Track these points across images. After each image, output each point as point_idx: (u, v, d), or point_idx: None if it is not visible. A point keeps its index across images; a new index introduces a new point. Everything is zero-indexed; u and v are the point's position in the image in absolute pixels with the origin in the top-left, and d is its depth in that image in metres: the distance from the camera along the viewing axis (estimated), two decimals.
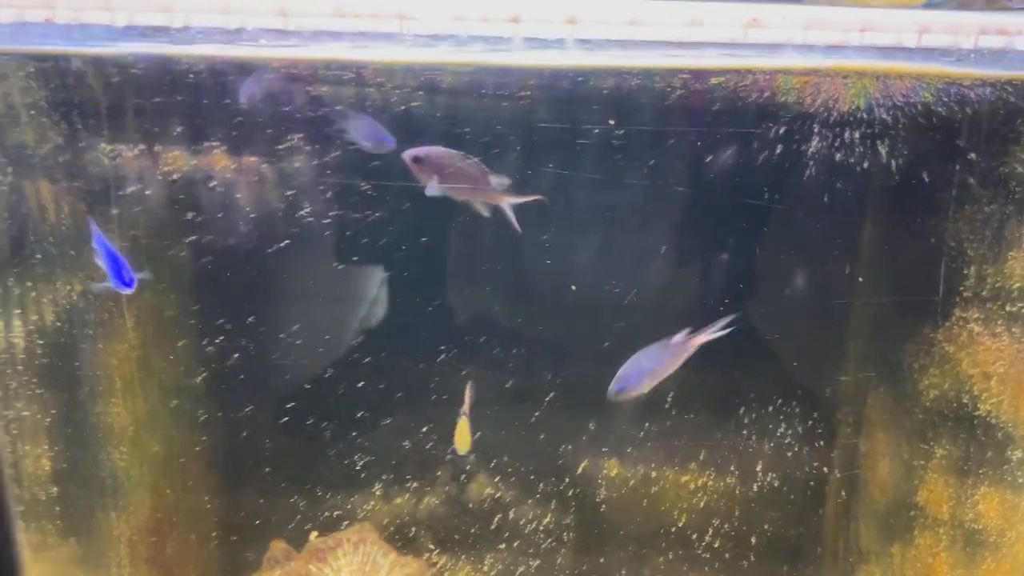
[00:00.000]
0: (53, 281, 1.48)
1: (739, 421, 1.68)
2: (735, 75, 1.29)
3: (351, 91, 1.33)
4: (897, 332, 1.62)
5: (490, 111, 1.36)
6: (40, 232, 1.44)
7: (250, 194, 1.43)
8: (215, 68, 1.30)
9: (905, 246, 1.57)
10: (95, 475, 1.60)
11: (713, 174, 1.47)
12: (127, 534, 1.66)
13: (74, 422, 1.56)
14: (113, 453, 1.62)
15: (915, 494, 1.65)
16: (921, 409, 1.61)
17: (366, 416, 1.70)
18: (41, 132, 1.39)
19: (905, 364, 1.62)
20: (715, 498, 1.70)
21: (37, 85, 1.35)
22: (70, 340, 1.52)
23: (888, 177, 1.41)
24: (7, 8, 1.18)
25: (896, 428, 1.67)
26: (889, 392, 1.67)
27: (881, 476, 1.72)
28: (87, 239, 1.38)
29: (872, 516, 1.75)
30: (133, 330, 1.59)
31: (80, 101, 1.36)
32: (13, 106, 1.35)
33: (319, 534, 1.79)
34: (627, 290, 1.56)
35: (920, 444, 1.61)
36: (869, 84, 1.29)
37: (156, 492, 1.70)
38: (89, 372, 1.56)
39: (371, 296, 1.68)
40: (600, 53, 1.21)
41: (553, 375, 1.63)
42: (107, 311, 1.55)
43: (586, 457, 1.68)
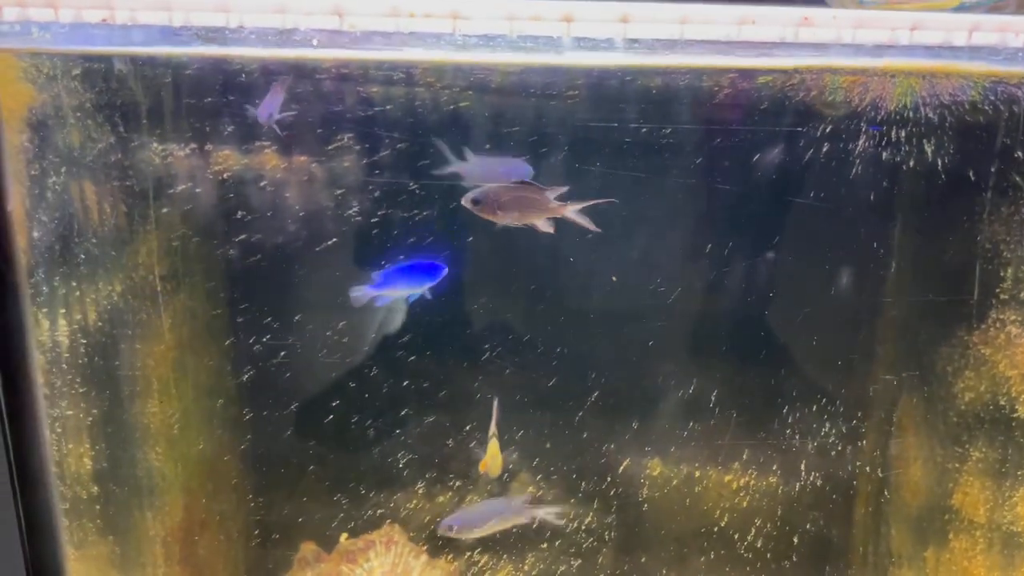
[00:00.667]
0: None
1: (781, 421, 1.68)
2: (782, 74, 1.30)
3: (400, 91, 1.34)
4: (937, 334, 1.61)
5: (538, 110, 1.37)
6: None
7: (300, 194, 1.44)
8: (268, 69, 1.31)
9: (946, 246, 1.57)
10: (132, 475, 1.61)
11: (760, 173, 1.47)
12: (162, 534, 1.67)
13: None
14: (149, 453, 1.63)
15: (950, 496, 1.64)
16: (956, 412, 1.61)
17: (403, 415, 1.71)
18: (110, 131, 1.40)
19: (941, 366, 1.62)
20: (756, 498, 1.70)
21: (89, 86, 1.36)
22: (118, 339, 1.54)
23: (935, 175, 1.41)
24: (67, 8, 1.20)
25: (931, 430, 1.67)
26: (925, 394, 1.67)
27: (916, 478, 1.72)
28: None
29: (906, 519, 1.74)
30: (169, 331, 1.61)
31: (132, 102, 1.38)
32: (71, 107, 1.37)
33: (349, 536, 1.80)
34: (670, 291, 1.57)
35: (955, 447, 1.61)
36: (916, 83, 1.30)
37: (190, 493, 1.71)
38: (128, 372, 1.57)
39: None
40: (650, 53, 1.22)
41: (597, 374, 1.63)
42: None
43: (628, 456, 1.69)
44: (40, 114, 1.35)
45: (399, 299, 1.58)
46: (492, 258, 1.63)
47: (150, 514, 1.65)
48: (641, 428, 1.69)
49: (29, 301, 1.42)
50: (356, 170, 1.44)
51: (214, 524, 1.76)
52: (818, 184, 1.51)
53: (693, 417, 1.67)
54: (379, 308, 1.61)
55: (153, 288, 1.54)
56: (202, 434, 1.70)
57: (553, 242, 1.53)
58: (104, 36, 1.29)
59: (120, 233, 1.47)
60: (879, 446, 1.73)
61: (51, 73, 1.34)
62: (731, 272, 1.60)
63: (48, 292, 1.44)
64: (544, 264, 1.62)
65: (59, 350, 1.48)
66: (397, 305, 1.65)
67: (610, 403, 1.64)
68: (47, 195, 1.39)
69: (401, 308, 1.65)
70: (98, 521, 1.58)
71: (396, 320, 1.67)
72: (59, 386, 1.49)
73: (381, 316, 1.66)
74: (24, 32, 1.26)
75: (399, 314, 1.66)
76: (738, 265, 1.59)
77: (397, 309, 1.66)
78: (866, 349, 1.72)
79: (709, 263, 1.58)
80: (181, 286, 1.59)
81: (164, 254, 1.54)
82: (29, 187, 1.37)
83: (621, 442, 1.68)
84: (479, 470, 1.64)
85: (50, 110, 1.36)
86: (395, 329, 1.66)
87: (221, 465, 1.76)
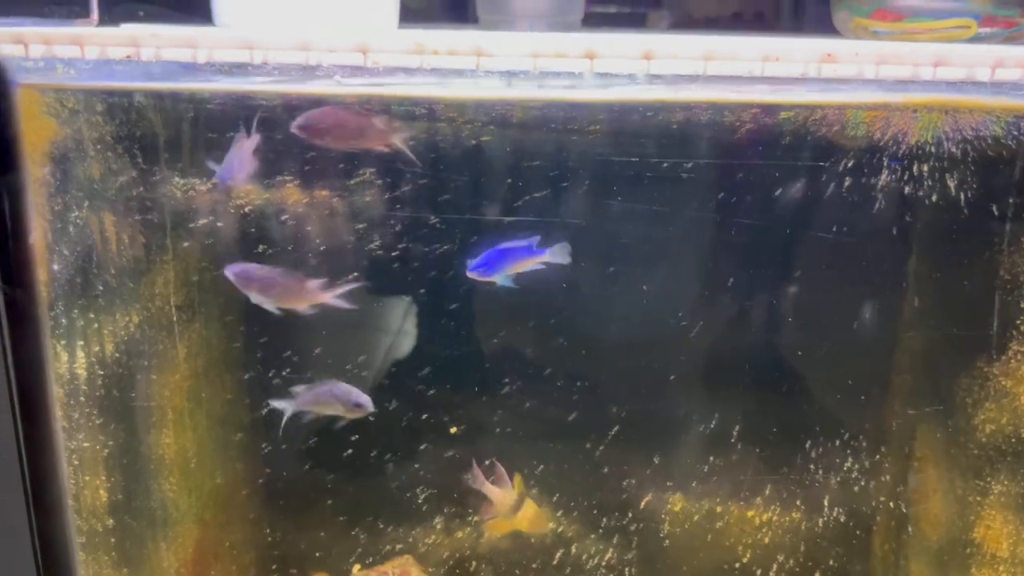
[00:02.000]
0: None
1: (798, 455, 1.67)
2: (804, 109, 1.30)
3: (423, 126, 1.34)
4: (957, 365, 1.60)
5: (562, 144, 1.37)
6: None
7: (320, 227, 1.44)
8: (291, 104, 1.32)
9: (968, 278, 1.57)
10: (146, 506, 1.61)
11: (779, 207, 1.47)
12: (175, 565, 1.66)
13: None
14: (163, 484, 1.63)
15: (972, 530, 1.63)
16: (977, 444, 1.59)
17: (420, 449, 1.70)
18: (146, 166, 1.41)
19: (961, 397, 1.61)
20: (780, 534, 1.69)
21: (110, 120, 1.37)
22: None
23: (957, 209, 1.41)
24: (92, 46, 1.20)
25: (951, 462, 1.66)
26: (945, 426, 1.66)
27: (936, 512, 1.70)
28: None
29: (926, 553, 1.73)
30: (185, 362, 1.61)
31: (152, 135, 1.39)
32: (92, 141, 1.38)
33: (361, 567, 1.79)
34: (692, 323, 1.56)
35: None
36: (938, 118, 1.30)
37: (204, 524, 1.70)
38: (143, 403, 1.57)
39: (396, 327, 1.69)
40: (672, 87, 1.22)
41: (617, 408, 1.62)
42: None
43: (649, 492, 1.67)
44: (62, 148, 1.36)
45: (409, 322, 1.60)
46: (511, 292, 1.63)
47: (163, 545, 1.64)
48: (661, 462, 1.68)
49: (49, 334, 1.42)
50: (378, 204, 1.44)
51: (226, 556, 1.75)
52: (838, 218, 1.50)
53: (713, 452, 1.65)
54: (388, 333, 1.63)
55: (170, 319, 1.55)
56: (217, 465, 1.70)
57: (577, 274, 1.54)
58: (126, 72, 1.30)
59: (138, 264, 1.47)
60: (898, 479, 1.72)
61: (74, 108, 1.35)
62: (752, 306, 1.60)
63: (67, 324, 1.44)
64: (562, 298, 1.61)
65: (77, 382, 1.48)
66: (407, 328, 1.65)
67: (629, 437, 1.64)
68: (68, 228, 1.40)
69: (411, 332, 1.66)
70: (113, 554, 1.57)
71: (405, 345, 1.67)
72: (76, 418, 1.49)
73: (389, 341, 1.66)
74: (49, 68, 1.27)
75: (408, 338, 1.66)
76: (758, 299, 1.59)
77: (407, 333, 1.66)
78: (885, 382, 1.71)
79: (730, 297, 1.58)
80: (197, 317, 1.60)
81: (181, 285, 1.54)
82: (51, 220, 1.37)
83: (641, 476, 1.67)
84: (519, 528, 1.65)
85: (71, 144, 1.37)
86: (403, 355, 1.67)
87: (235, 497, 1.75)
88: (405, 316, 1.69)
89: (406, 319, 1.69)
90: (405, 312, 1.69)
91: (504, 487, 1.61)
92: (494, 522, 1.67)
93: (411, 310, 1.69)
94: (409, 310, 1.69)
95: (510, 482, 1.62)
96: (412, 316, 1.69)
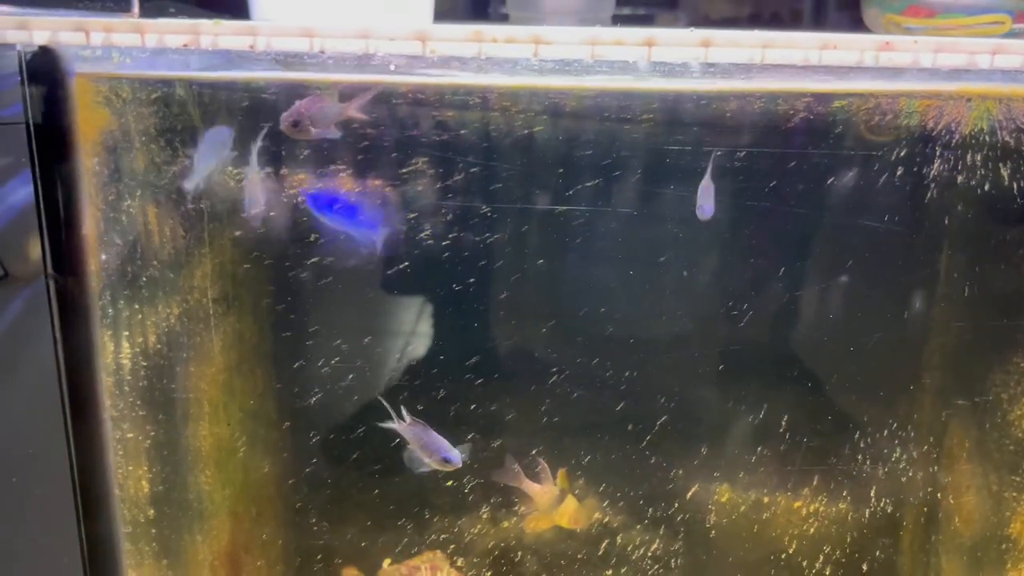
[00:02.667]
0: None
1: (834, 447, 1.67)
2: (858, 99, 1.30)
3: (476, 115, 1.34)
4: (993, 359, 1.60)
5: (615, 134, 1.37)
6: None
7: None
8: (345, 92, 1.32)
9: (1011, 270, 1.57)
10: (184, 498, 1.61)
11: (828, 196, 1.47)
12: (209, 558, 1.66)
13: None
14: (199, 477, 1.63)
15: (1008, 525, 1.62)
16: (1012, 439, 1.59)
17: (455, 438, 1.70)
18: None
19: (996, 392, 1.61)
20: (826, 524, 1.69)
21: (165, 110, 1.38)
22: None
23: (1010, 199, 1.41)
24: (152, 34, 1.21)
25: (986, 458, 1.65)
26: (979, 421, 1.66)
27: (971, 507, 1.70)
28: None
29: (961, 548, 1.72)
30: (220, 354, 1.61)
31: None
32: (144, 131, 1.38)
33: (392, 561, 1.79)
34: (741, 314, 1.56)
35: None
36: (992, 107, 1.30)
37: (235, 517, 1.71)
38: (184, 394, 1.57)
39: (410, 328, 1.69)
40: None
41: (664, 399, 1.62)
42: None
43: (696, 482, 1.67)
44: (114, 138, 1.37)
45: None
46: (548, 280, 1.63)
47: (200, 538, 1.64)
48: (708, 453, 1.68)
49: (99, 324, 1.42)
50: (429, 193, 1.44)
51: (257, 548, 1.76)
52: (882, 208, 1.50)
53: (759, 442, 1.65)
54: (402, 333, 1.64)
55: (207, 311, 1.55)
56: (250, 458, 1.70)
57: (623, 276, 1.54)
58: (181, 61, 1.31)
59: (186, 256, 1.48)
60: (931, 474, 1.72)
61: (128, 98, 1.35)
62: (802, 297, 1.59)
63: (114, 314, 1.44)
64: (606, 284, 1.62)
65: (122, 372, 1.48)
66: (422, 329, 1.66)
67: (677, 428, 1.63)
68: (120, 218, 1.40)
69: (426, 334, 1.66)
70: (154, 544, 1.57)
71: (422, 346, 1.67)
72: (122, 408, 1.49)
73: (405, 341, 1.67)
74: (105, 57, 1.28)
75: (424, 339, 1.67)
76: (809, 290, 1.59)
77: (421, 334, 1.67)
78: (922, 374, 1.71)
79: (781, 287, 1.58)
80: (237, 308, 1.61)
81: (218, 276, 1.55)
82: (103, 210, 1.38)
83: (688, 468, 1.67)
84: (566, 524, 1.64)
85: (123, 134, 1.37)
86: (422, 355, 1.67)
87: (269, 489, 1.75)
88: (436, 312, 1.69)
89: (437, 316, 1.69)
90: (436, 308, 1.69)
91: (545, 482, 1.61)
92: (533, 518, 1.66)
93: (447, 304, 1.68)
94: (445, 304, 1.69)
95: (552, 477, 1.61)
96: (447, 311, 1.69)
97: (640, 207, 1.46)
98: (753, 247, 1.55)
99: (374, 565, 1.79)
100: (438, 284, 1.55)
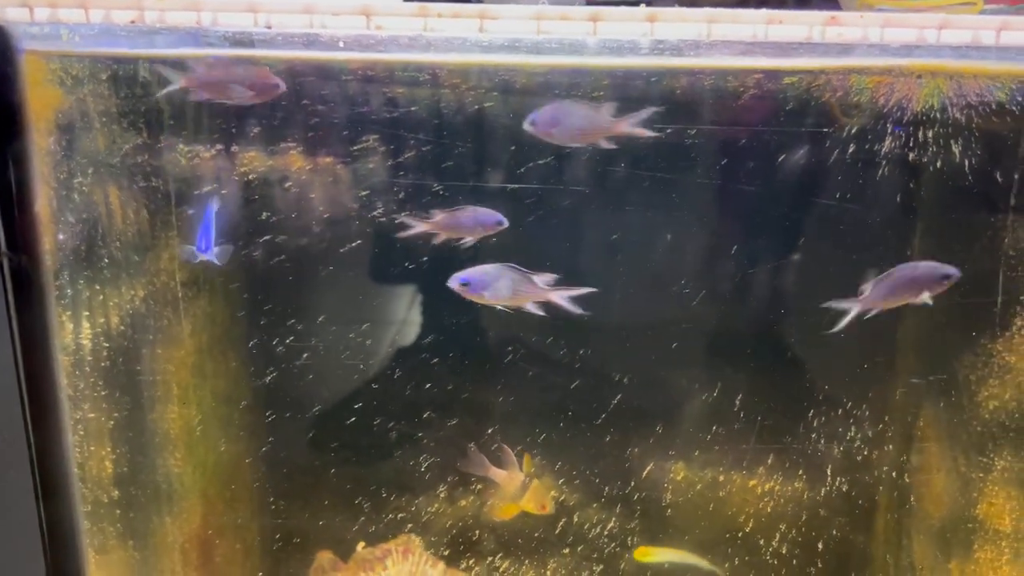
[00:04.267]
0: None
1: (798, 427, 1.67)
2: (808, 75, 1.29)
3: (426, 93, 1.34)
4: (960, 340, 1.60)
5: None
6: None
7: (324, 194, 1.44)
8: (295, 70, 1.32)
9: (970, 250, 1.56)
10: (151, 480, 1.61)
11: (781, 175, 1.47)
12: (180, 540, 1.66)
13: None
14: (168, 459, 1.63)
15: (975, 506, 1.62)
16: (980, 420, 1.59)
17: (422, 420, 1.70)
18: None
19: (964, 373, 1.60)
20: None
21: (115, 89, 1.37)
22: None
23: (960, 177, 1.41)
24: (97, 10, 1.21)
25: (954, 440, 1.65)
26: (948, 402, 1.66)
27: (939, 488, 1.70)
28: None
29: (929, 530, 1.73)
30: (190, 337, 1.61)
31: (157, 105, 1.39)
32: (97, 110, 1.38)
33: (365, 544, 1.79)
34: (696, 290, 1.56)
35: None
36: (943, 84, 1.29)
37: (206, 500, 1.71)
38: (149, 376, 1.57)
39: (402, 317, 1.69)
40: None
41: (620, 377, 1.62)
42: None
43: (651, 461, 1.67)
44: (67, 116, 1.36)
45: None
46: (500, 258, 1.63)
47: (169, 520, 1.64)
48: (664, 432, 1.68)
49: (54, 303, 1.42)
50: (380, 171, 1.44)
51: (230, 532, 1.76)
52: (839, 185, 1.50)
53: (716, 421, 1.65)
54: (394, 321, 1.63)
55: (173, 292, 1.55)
56: (221, 440, 1.70)
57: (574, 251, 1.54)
58: (131, 39, 1.31)
59: (143, 237, 1.48)
60: (900, 455, 1.72)
61: (80, 75, 1.35)
62: (756, 274, 1.59)
63: (73, 294, 1.44)
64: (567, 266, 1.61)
65: (82, 353, 1.48)
66: (412, 318, 1.65)
67: (632, 407, 1.64)
68: (74, 197, 1.40)
69: (416, 321, 1.66)
70: (118, 526, 1.57)
71: (411, 333, 1.67)
72: (82, 389, 1.49)
73: (395, 329, 1.66)
74: (54, 35, 1.27)
75: (414, 327, 1.67)
76: (763, 266, 1.59)
77: (412, 322, 1.66)
78: (886, 355, 1.70)
79: (734, 264, 1.57)
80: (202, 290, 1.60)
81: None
82: (56, 189, 1.38)
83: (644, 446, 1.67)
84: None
85: (76, 113, 1.37)
86: (410, 342, 1.67)
87: (240, 471, 1.75)
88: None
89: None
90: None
91: (510, 469, 1.61)
92: (499, 505, 1.66)
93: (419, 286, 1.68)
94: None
95: (517, 463, 1.61)
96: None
97: (591, 184, 1.45)
98: (706, 224, 1.55)
99: (348, 550, 1.79)
100: (391, 264, 1.55)
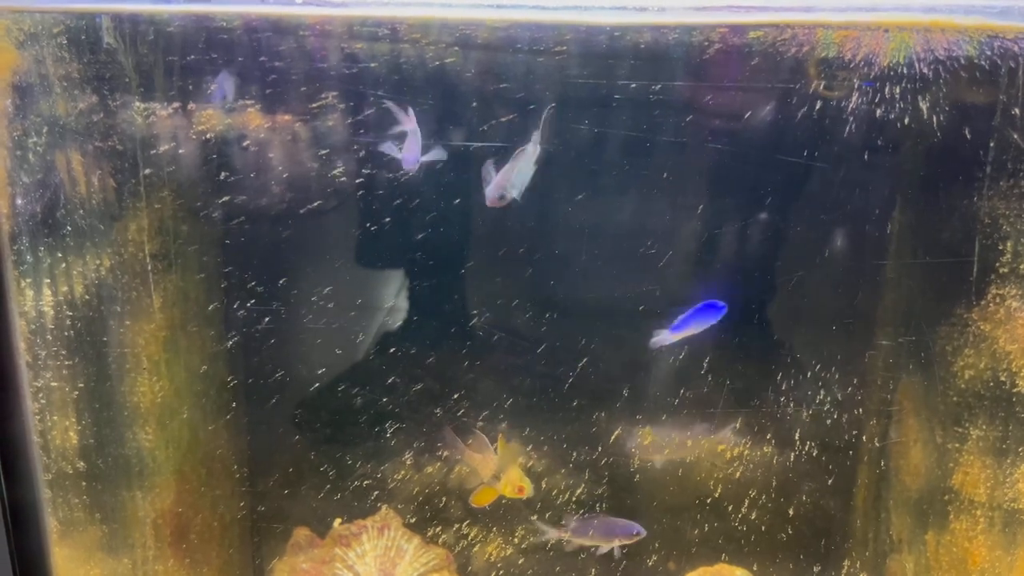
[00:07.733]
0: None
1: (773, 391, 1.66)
2: (773, 29, 1.28)
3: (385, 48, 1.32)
4: (936, 309, 1.59)
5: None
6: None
7: (283, 154, 1.43)
8: (250, 26, 1.30)
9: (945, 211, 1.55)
10: (120, 455, 1.59)
11: (751, 132, 1.46)
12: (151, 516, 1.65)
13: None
14: (139, 434, 1.61)
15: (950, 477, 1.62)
16: (956, 390, 1.58)
17: (393, 387, 1.69)
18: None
19: (940, 344, 1.59)
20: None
21: (71, 46, 1.35)
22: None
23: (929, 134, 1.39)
24: None
25: (930, 410, 1.64)
26: (923, 373, 1.65)
27: (915, 459, 1.69)
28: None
29: (906, 501, 1.72)
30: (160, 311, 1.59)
31: (116, 62, 1.36)
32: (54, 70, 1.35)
33: (343, 520, 1.79)
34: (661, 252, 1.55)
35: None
36: (909, 38, 1.28)
37: (182, 477, 1.69)
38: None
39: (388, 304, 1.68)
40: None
41: (585, 341, 1.61)
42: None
43: (619, 426, 1.66)
44: (23, 76, 1.34)
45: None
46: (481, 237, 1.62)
47: (139, 494, 1.63)
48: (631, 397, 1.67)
49: (10, 267, 1.40)
50: (340, 130, 1.42)
51: (207, 509, 1.75)
52: (808, 145, 1.48)
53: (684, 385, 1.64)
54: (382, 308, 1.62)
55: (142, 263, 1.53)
56: (194, 416, 1.68)
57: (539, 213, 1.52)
58: None
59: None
60: (876, 425, 1.71)
61: (33, 32, 1.32)
62: (723, 234, 1.58)
63: (33, 261, 1.42)
64: (532, 234, 1.60)
65: (44, 320, 1.46)
66: (399, 304, 1.64)
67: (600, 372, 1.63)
68: (30, 159, 1.37)
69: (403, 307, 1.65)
70: (84, 498, 1.56)
71: (398, 319, 1.66)
72: (44, 357, 1.47)
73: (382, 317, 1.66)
74: None
75: (401, 313, 1.66)
76: (730, 227, 1.57)
77: (399, 309, 1.65)
78: (861, 325, 1.70)
79: (701, 224, 1.56)
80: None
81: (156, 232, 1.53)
82: (11, 148, 1.35)
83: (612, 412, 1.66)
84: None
85: (32, 72, 1.34)
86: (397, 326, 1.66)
87: (214, 448, 1.74)
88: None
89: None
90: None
91: (485, 452, 1.60)
92: (479, 491, 1.65)
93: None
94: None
95: (491, 445, 1.60)
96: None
97: (554, 143, 1.44)
98: (671, 185, 1.53)
99: (326, 526, 1.78)
100: (354, 226, 1.53)
